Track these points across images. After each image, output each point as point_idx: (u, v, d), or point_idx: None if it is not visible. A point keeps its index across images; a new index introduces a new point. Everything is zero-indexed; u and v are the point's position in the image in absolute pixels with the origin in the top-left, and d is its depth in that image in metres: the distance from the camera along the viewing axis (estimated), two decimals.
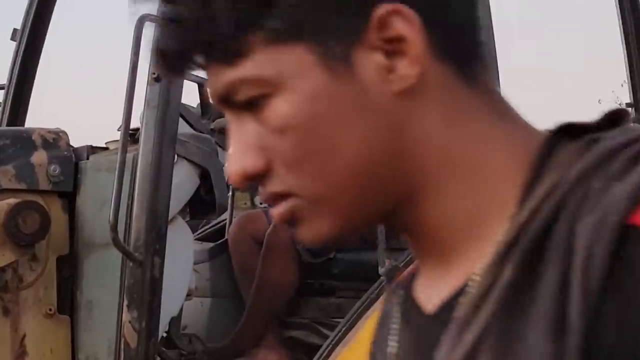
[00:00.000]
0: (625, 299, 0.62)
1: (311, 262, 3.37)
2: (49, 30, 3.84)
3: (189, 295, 2.96)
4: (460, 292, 0.71)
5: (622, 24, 3.63)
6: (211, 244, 3.84)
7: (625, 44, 3.64)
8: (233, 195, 4.07)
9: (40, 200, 2.80)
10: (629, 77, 3.69)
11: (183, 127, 2.98)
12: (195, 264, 3.16)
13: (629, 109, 3.75)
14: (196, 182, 2.85)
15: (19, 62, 3.78)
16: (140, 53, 2.57)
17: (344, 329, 2.81)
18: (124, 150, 2.53)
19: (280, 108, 0.71)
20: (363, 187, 0.73)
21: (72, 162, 2.90)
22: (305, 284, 3.44)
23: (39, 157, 2.86)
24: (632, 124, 0.73)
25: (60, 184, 2.86)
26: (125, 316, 2.59)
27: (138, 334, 2.58)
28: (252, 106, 0.72)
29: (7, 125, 3.72)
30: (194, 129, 3.14)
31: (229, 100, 0.74)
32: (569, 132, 0.73)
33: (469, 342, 0.67)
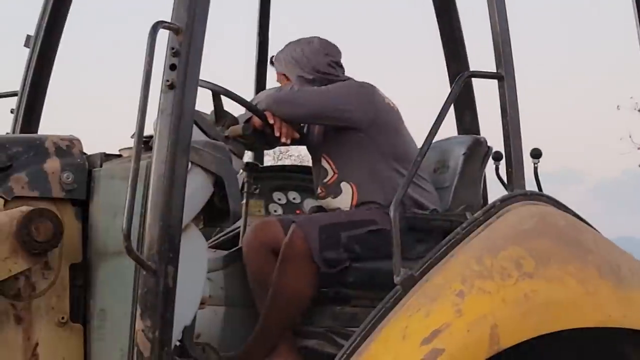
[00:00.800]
0: None
1: (327, 271, 3.35)
2: (62, 36, 3.85)
3: (202, 304, 2.94)
4: None
5: None
6: (225, 252, 3.83)
7: None
8: (247, 202, 4.05)
9: (53, 208, 2.80)
10: None
11: (197, 135, 2.97)
12: (209, 272, 3.14)
13: None
14: (210, 190, 2.84)
15: (32, 69, 3.80)
16: (154, 60, 2.56)
17: (358, 338, 2.79)
18: (137, 158, 2.52)
19: None
20: None
21: (85, 169, 2.90)
22: (320, 292, 3.43)
23: (52, 164, 2.85)
24: None
25: (73, 191, 2.86)
26: (138, 325, 2.57)
27: (151, 342, 2.57)
28: None
29: (21, 132, 3.73)
30: (208, 136, 3.12)
31: None
32: None
33: None
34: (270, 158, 20.94)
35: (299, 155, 21.56)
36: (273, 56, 3.86)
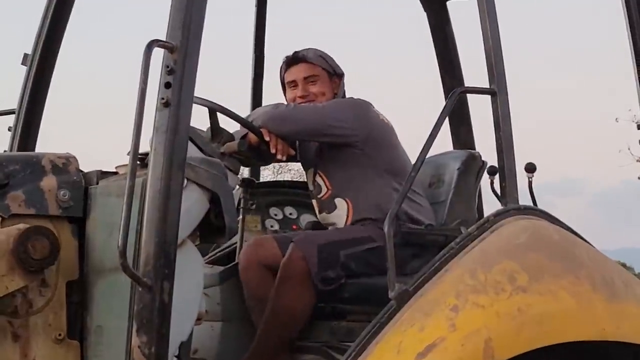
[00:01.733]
0: None
1: (324, 289, 3.36)
2: (59, 54, 3.87)
3: (199, 319, 2.95)
4: None
5: (633, 44, 3.63)
6: (222, 268, 3.84)
7: (637, 64, 3.65)
8: (244, 218, 4.07)
9: (50, 225, 2.81)
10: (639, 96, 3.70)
11: (192, 152, 2.99)
12: (205, 287, 3.15)
13: None
14: (206, 207, 2.85)
15: (30, 87, 3.81)
16: (149, 78, 2.58)
17: (354, 353, 2.80)
18: (133, 176, 2.53)
19: None
20: None
21: (81, 187, 2.91)
22: (317, 307, 3.44)
23: (49, 182, 2.87)
24: None
25: (70, 209, 2.87)
26: (135, 341, 2.58)
27: (147, 358, 2.57)
28: None
29: (18, 150, 3.74)
30: (204, 153, 3.14)
31: None
32: None
33: None
34: (270, 172, 20.95)
35: (298, 169, 21.56)
36: (298, 52, 3.83)
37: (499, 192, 3.31)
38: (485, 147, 3.87)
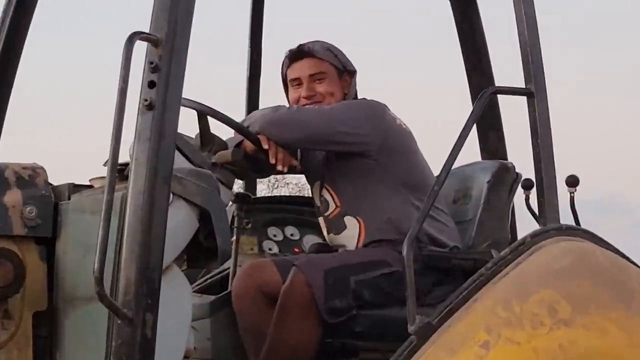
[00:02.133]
0: None
1: (332, 321, 3.36)
2: (23, 50, 3.86)
3: (187, 357, 2.96)
4: None
5: None
6: (212, 297, 3.84)
7: None
8: (238, 239, 4.07)
9: (14, 247, 2.82)
10: None
11: (180, 161, 2.99)
12: (194, 320, 3.15)
13: None
14: (195, 225, 2.86)
15: None
16: (130, 76, 2.58)
17: None
18: (111, 189, 2.53)
19: None
20: None
21: (51, 202, 2.92)
22: (325, 343, 3.44)
23: (13, 197, 2.87)
24: None
25: (37, 228, 2.88)
26: None
27: None
28: None
29: None
30: (192, 163, 3.15)
31: None
32: None
33: None
34: (264, 187, 21.00)
35: (297, 183, 21.64)
36: (303, 45, 3.84)
37: (535, 209, 3.30)
38: (519, 156, 3.88)
